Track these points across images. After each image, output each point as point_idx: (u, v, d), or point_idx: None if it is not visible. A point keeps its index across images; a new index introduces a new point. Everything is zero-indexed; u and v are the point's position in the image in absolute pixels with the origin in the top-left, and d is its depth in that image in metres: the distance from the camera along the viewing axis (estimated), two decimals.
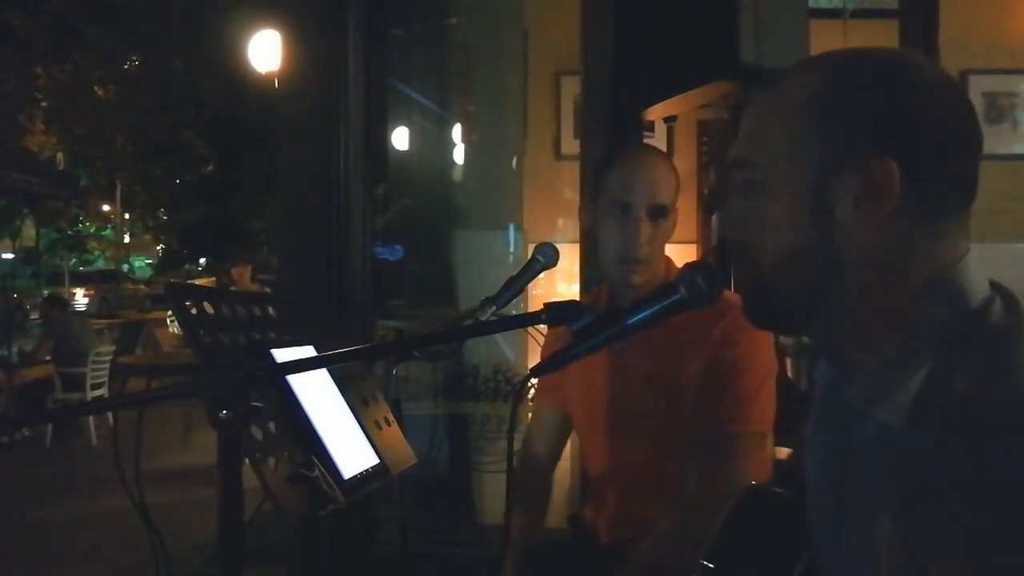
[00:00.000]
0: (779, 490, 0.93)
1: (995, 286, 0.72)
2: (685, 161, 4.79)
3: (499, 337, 3.25)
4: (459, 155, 3.72)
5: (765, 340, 1.49)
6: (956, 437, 0.64)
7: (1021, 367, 0.65)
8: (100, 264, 27.00)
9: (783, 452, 1.50)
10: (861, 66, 0.75)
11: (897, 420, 0.69)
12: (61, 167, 15.31)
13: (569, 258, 1.59)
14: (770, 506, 0.93)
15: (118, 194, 20.68)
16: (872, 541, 0.70)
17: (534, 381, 1.84)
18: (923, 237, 0.72)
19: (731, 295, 1.52)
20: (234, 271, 5.83)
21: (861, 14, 4.20)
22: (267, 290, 4.66)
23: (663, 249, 1.55)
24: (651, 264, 1.52)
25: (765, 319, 0.84)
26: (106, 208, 24.61)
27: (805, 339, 0.94)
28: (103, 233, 26.64)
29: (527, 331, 1.74)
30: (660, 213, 1.50)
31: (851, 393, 0.75)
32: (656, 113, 2.84)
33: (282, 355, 1.31)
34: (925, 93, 0.72)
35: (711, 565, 0.88)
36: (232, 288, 5.83)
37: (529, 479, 1.72)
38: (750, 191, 0.78)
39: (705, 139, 4.82)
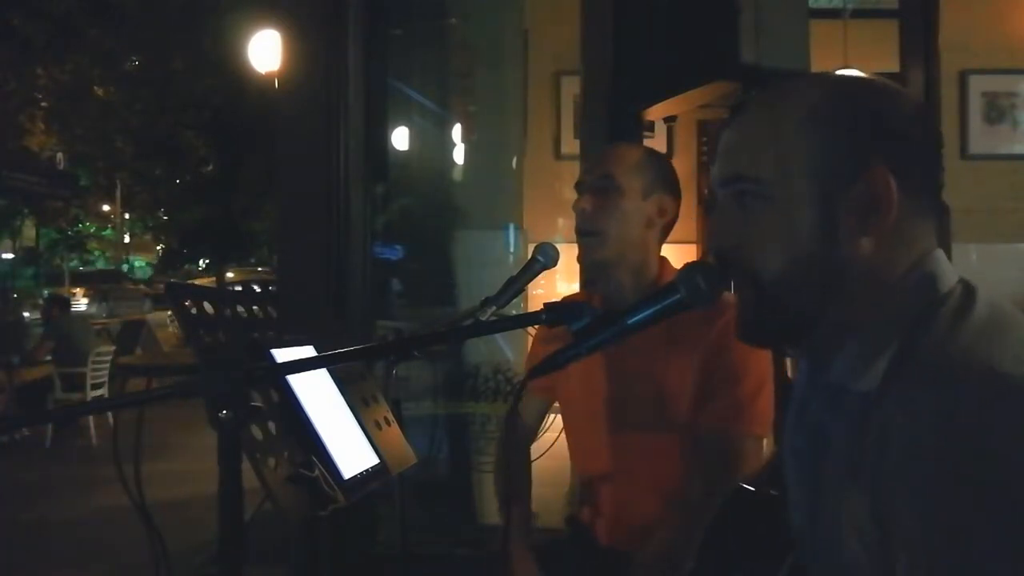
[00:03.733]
0: (770, 491, 0.93)
1: (961, 280, 0.77)
2: (685, 161, 4.79)
3: (499, 337, 3.25)
4: (459, 155, 3.72)
5: None
6: (915, 400, 0.68)
7: (969, 341, 0.70)
8: (100, 264, 27.01)
9: None
10: (856, 83, 0.82)
11: (871, 386, 0.73)
12: (61, 167, 15.34)
13: (569, 258, 1.58)
14: (758, 508, 0.93)
15: (118, 194, 20.69)
16: (843, 525, 0.73)
17: None
18: (908, 237, 0.77)
19: (729, 296, 1.53)
20: None
21: (861, 14, 4.20)
22: None
23: (627, 230, 1.52)
24: (606, 241, 1.50)
25: (759, 335, 0.87)
26: (106, 208, 24.62)
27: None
28: (103, 233, 26.65)
29: (527, 331, 1.74)
30: (605, 185, 1.51)
31: (831, 374, 0.78)
32: (656, 113, 2.84)
33: (282, 355, 1.31)
34: (908, 106, 0.78)
35: (697, 568, 0.89)
36: None
37: (516, 453, 1.78)
38: (749, 205, 0.79)
39: (705, 139, 4.83)
